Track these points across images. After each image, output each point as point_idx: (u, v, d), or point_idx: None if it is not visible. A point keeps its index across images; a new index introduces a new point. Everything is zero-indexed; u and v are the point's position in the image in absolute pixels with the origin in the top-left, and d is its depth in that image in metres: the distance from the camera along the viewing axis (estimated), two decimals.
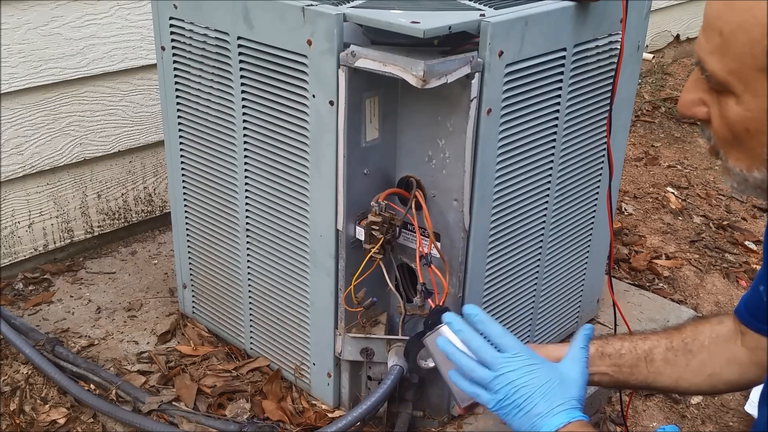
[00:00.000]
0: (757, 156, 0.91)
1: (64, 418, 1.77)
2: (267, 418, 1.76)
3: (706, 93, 0.95)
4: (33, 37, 2.12)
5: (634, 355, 1.32)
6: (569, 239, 1.89)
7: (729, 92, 0.91)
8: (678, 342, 1.32)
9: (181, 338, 2.04)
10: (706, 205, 3.10)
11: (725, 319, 1.32)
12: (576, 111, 1.71)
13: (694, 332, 1.33)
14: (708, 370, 1.30)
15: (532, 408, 1.11)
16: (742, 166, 0.94)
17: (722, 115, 0.93)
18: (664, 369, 1.32)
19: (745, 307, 1.27)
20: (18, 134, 2.18)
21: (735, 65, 0.88)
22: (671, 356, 1.31)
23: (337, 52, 1.44)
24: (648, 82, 4.31)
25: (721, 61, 0.90)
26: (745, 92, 0.89)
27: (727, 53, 0.89)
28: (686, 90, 0.98)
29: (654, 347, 1.33)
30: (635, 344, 1.33)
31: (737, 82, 0.89)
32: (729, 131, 0.93)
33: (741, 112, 0.90)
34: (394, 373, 1.58)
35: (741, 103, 0.90)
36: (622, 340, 1.34)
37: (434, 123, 1.53)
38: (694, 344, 1.31)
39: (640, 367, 1.32)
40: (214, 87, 1.73)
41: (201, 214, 1.92)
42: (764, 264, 1.20)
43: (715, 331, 1.31)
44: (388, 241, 1.56)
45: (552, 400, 1.11)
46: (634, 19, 1.77)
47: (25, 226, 2.29)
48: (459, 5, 1.55)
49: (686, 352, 1.31)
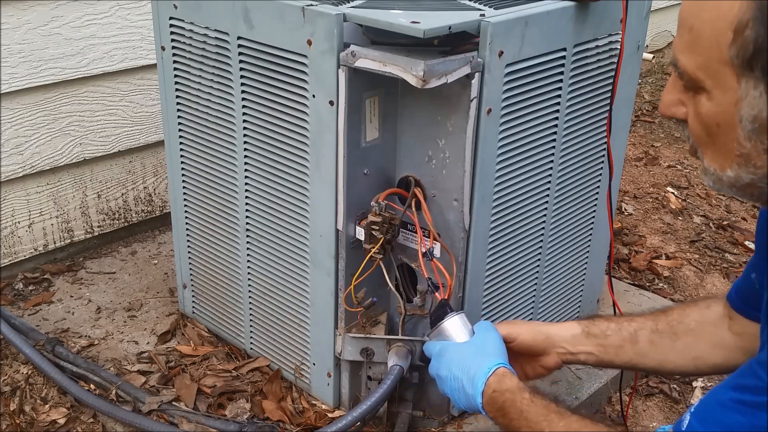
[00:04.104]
0: (729, 153, 0.92)
1: (64, 418, 1.77)
2: (267, 418, 1.76)
3: (683, 93, 0.97)
4: (33, 37, 2.12)
5: (620, 336, 1.38)
6: (569, 239, 1.88)
7: (701, 89, 0.92)
8: (664, 325, 1.37)
9: (181, 338, 2.04)
10: (706, 205, 3.10)
11: (713, 303, 1.36)
12: (576, 111, 1.71)
13: (680, 315, 1.37)
14: (693, 353, 1.35)
15: (461, 385, 1.29)
16: (716, 166, 0.95)
17: (696, 112, 0.95)
18: (649, 351, 1.36)
19: (736, 294, 1.31)
20: (18, 134, 2.18)
21: (703, 60, 0.90)
22: (656, 338, 1.36)
23: (337, 52, 1.44)
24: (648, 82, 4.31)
25: (690, 57, 0.92)
26: (714, 87, 0.90)
27: (696, 49, 0.91)
28: (666, 91, 1.00)
29: (639, 329, 1.38)
30: (621, 326, 1.38)
31: (706, 77, 0.91)
32: (702, 128, 0.95)
33: (712, 107, 0.92)
34: (394, 373, 1.58)
35: (711, 98, 0.92)
36: (609, 321, 1.40)
37: (434, 123, 1.53)
38: (679, 327, 1.36)
39: (625, 348, 1.37)
40: (214, 87, 1.73)
41: (201, 214, 1.92)
42: (756, 252, 1.22)
43: (702, 315, 1.36)
44: (388, 241, 1.56)
45: (471, 368, 1.28)
46: (634, 19, 1.77)
47: (25, 226, 2.29)
48: (459, 5, 1.55)
49: (672, 334, 1.36)
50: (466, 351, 1.34)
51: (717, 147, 0.94)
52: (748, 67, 0.86)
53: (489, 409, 1.26)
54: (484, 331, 1.38)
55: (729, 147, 0.92)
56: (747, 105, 0.88)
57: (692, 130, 0.97)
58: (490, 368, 1.26)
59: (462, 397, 1.31)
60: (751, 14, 0.84)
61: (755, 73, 0.86)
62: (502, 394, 1.23)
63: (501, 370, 1.26)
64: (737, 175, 0.93)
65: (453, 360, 1.34)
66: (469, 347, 1.35)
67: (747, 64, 0.86)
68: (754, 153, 0.90)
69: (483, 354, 1.31)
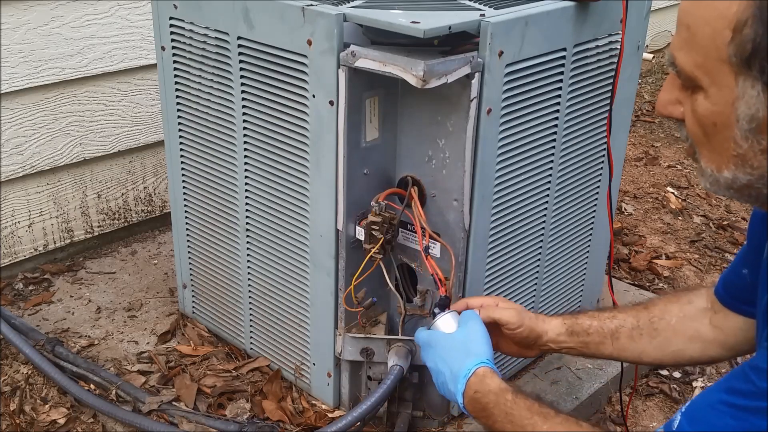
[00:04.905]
0: (726, 153, 0.92)
1: (64, 418, 1.77)
2: (267, 418, 1.76)
3: (681, 92, 0.97)
4: (33, 37, 2.12)
5: (601, 333, 1.44)
6: (569, 239, 1.88)
7: (698, 87, 0.92)
8: (645, 321, 1.42)
9: (181, 338, 2.04)
10: (706, 205, 3.10)
11: (695, 298, 1.40)
12: (576, 111, 1.71)
13: (662, 311, 1.41)
14: (671, 347, 1.39)
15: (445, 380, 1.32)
16: (712, 167, 0.95)
17: (693, 111, 0.95)
18: (629, 345, 1.42)
19: (724, 289, 1.33)
20: (18, 134, 2.18)
21: (700, 58, 0.90)
22: (636, 334, 1.42)
23: (337, 52, 1.44)
24: (648, 82, 4.32)
25: (688, 55, 0.92)
26: (711, 86, 0.90)
27: (693, 47, 0.91)
28: (663, 90, 1.00)
29: (620, 326, 1.43)
30: (603, 323, 1.44)
31: (703, 75, 0.90)
32: (699, 127, 0.94)
33: (709, 106, 0.92)
34: (394, 373, 1.58)
35: (708, 97, 0.91)
36: (591, 319, 1.45)
37: (434, 123, 1.53)
38: (660, 323, 1.40)
39: (605, 344, 1.43)
40: (214, 87, 1.73)
41: (201, 214, 1.92)
42: (747, 246, 1.23)
43: (683, 310, 1.39)
44: (388, 241, 1.55)
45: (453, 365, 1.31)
46: (634, 19, 1.77)
47: (25, 226, 2.29)
48: (459, 5, 1.55)
49: (651, 330, 1.41)
50: (449, 344, 1.36)
51: (713, 146, 0.94)
52: (746, 66, 0.86)
53: (471, 409, 1.28)
54: (467, 320, 1.38)
55: (725, 147, 0.92)
56: (744, 104, 0.87)
57: (689, 130, 0.97)
58: (470, 369, 1.28)
59: (446, 392, 1.34)
60: (750, 13, 0.84)
61: (753, 72, 0.86)
62: (484, 395, 1.24)
63: (481, 371, 1.27)
64: (734, 176, 0.93)
65: (437, 353, 1.36)
66: (452, 340, 1.36)
67: (745, 63, 0.86)
68: (751, 153, 0.90)
69: (464, 351, 1.32)
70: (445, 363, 1.33)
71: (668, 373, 2.17)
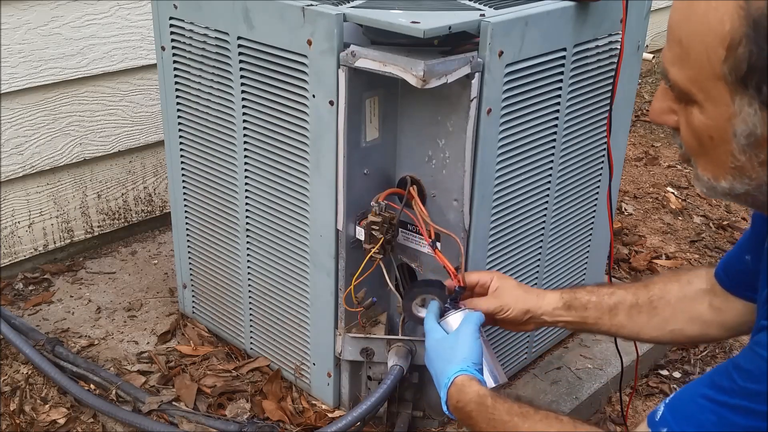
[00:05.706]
0: (723, 165, 0.92)
1: (64, 418, 1.77)
2: (267, 418, 1.76)
3: (674, 101, 0.96)
4: (33, 37, 2.12)
5: (600, 309, 1.43)
6: (569, 239, 1.89)
7: (692, 101, 0.91)
8: (644, 299, 1.41)
9: (181, 338, 2.04)
10: (706, 205, 3.10)
11: (695, 279, 1.39)
12: (576, 111, 1.71)
13: (662, 290, 1.41)
14: (670, 326, 1.39)
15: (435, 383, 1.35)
16: (709, 175, 0.95)
17: (688, 123, 0.94)
18: (627, 323, 1.42)
19: (724, 272, 1.32)
20: (18, 134, 2.18)
21: (694, 74, 0.89)
22: (635, 312, 1.41)
23: (337, 52, 1.44)
24: (648, 82, 4.31)
25: (681, 70, 0.91)
26: (706, 101, 0.89)
27: (686, 62, 0.90)
28: (656, 98, 0.99)
29: (619, 303, 1.42)
30: (602, 299, 1.43)
31: (698, 90, 0.90)
32: (695, 139, 0.94)
33: (704, 120, 0.91)
34: (394, 373, 1.58)
35: (703, 111, 0.90)
36: (590, 294, 1.45)
37: (434, 123, 1.53)
38: (659, 302, 1.40)
39: (603, 320, 1.43)
40: (214, 87, 1.73)
41: (201, 214, 1.92)
42: (751, 232, 1.23)
43: (683, 290, 1.39)
44: (388, 241, 1.55)
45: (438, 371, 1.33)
46: (634, 19, 1.77)
47: (25, 226, 2.29)
48: (459, 5, 1.55)
49: (651, 309, 1.40)
50: (440, 346, 1.38)
51: (710, 158, 0.93)
52: (742, 84, 0.85)
53: (457, 416, 1.30)
54: (462, 324, 1.40)
55: (723, 159, 0.91)
56: (741, 121, 0.86)
57: (685, 140, 0.96)
58: (449, 378, 1.30)
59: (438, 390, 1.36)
60: (743, 32, 0.82)
61: (749, 90, 0.84)
62: (466, 405, 1.26)
63: (459, 380, 1.29)
64: (731, 185, 0.92)
65: (429, 352, 1.39)
66: (442, 343, 1.38)
67: (741, 81, 0.84)
68: (749, 165, 0.89)
69: (448, 358, 1.33)
70: (433, 367, 1.37)
71: (668, 373, 2.17)
